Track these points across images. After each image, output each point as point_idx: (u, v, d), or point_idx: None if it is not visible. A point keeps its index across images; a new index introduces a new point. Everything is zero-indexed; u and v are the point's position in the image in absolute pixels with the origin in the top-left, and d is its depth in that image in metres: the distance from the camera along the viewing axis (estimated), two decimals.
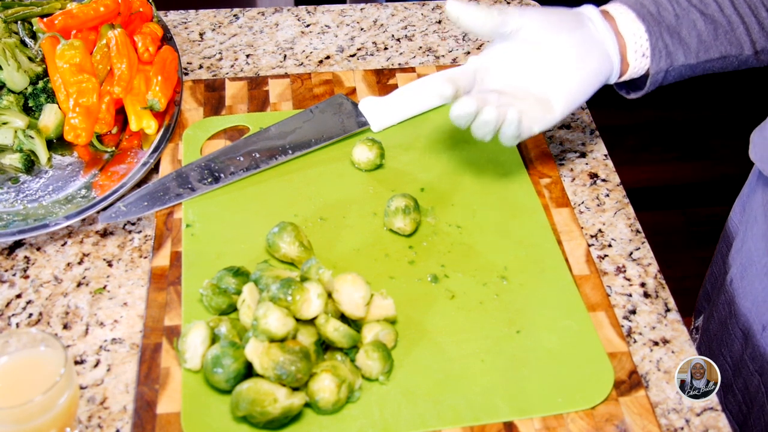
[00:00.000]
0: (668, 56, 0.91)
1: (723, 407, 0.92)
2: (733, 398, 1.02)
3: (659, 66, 0.91)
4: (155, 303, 0.85)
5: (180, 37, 1.23)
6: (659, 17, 0.90)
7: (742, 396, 1.00)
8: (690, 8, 0.91)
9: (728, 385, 1.03)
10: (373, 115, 1.06)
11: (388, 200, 0.93)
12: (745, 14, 0.91)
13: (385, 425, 0.76)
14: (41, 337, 0.72)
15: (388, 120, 1.06)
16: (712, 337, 1.08)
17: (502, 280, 0.88)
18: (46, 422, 0.68)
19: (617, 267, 0.93)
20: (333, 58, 1.21)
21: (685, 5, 0.91)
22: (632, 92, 0.97)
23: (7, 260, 0.92)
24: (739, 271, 1.00)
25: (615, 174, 1.04)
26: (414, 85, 1.08)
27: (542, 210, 0.96)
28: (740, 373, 1.00)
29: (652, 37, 0.90)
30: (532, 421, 0.76)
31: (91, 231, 0.95)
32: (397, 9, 1.31)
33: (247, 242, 0.91)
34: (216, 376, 0.76)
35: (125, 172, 0.97)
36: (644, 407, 0.78)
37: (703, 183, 2.52)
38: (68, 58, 1.01)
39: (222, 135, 1.05)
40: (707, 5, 0.91)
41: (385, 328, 0.81)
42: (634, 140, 2.65)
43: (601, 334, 0.84)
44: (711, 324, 1.09)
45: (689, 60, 0.91)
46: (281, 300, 0.77)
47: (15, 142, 1.00)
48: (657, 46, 0.90)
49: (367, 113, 1.06)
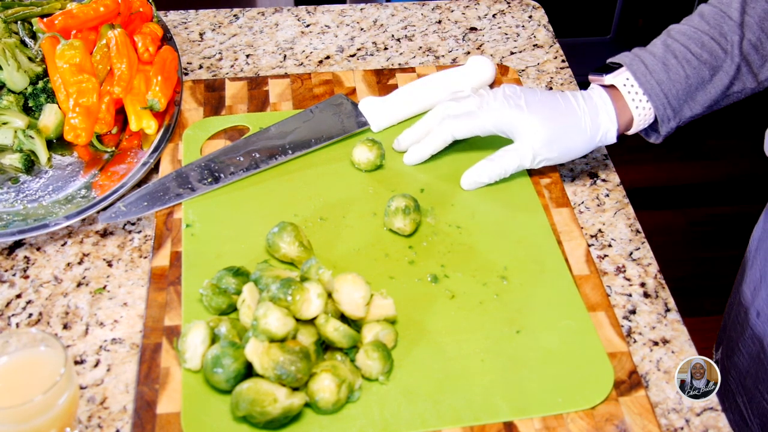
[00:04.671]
0: (676, 117, 0.96)
1: None
2: None
3: (670, 128, 0.97)
4: (155, 303, 0.85)
5: (180, 37, 1.23)
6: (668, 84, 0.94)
7: None
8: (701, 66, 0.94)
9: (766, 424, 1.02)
10: (373, 115, 1.06)
11: (388, 200, 0.93)
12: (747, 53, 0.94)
13: (385, 425, 0.76)
14: (41, 337, 0.72)
15: (388, 120, 1.06)
16: (744, 374, 1.06)
17: (502, 280, 0.88)
18: (46, 422, 0.68)
19: (617, 267, 0.93)
20: (333, 58, 1.21)
21: (696, 64, 0.93)
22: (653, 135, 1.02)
23: (7, 260, 0.92)
24: (766, 302, 1.00)
25: (615, 174, 1.04)
26: (414, 85, 1.08)
27: (542, 210, 0.96)
28: None
29: (659, 111, 0.95)
30: (532, 421, 0.76)
31: (91, 231, 0.95)
32: (397, 9, 1.31)
33: (247, 242, 0.91)
34: (216, 376, 0.76)
35: (125, 172, 0.97)
36: (644, 407, 0.78)
37: (703, 183, 2.52)
38: (68, 58, 1.01)
39: (222, 135, 1.05)
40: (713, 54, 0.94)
41: (385, 328, 0.81)
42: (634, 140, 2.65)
43: (601, 334, 0.84)
44: (739, 360, 1.07)
45: (695, 112, 0.96)
46: (281, 300, 0.77)
47: (15, 142, 1.00)
48: (665, 116, 0.95)
49: (367, 113, 1.06)
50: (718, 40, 0.93)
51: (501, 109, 0.95)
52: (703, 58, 0.93)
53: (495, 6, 1.32)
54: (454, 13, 1.30)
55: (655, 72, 0.93)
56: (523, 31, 1.27)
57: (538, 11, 1.31)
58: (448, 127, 0.97)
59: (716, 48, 0.93)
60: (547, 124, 0.94)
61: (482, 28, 1.28)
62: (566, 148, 0.95)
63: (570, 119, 0.94)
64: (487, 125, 0.96)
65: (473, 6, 1.32)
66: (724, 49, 0.93)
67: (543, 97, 0.96)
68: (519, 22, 1.29)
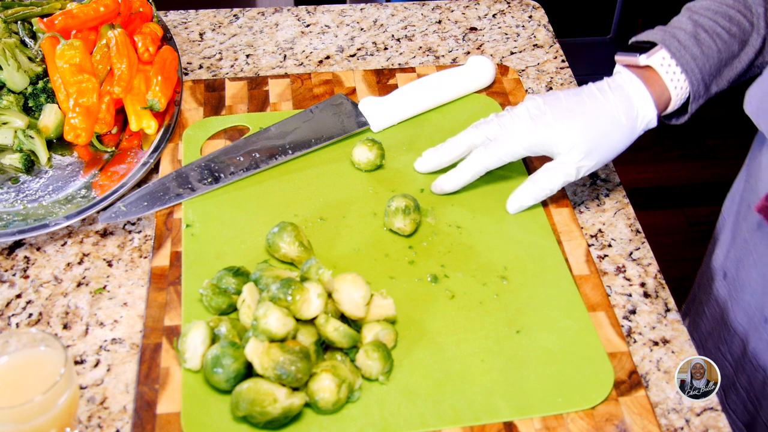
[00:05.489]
0: (705, 93, 0.92)
1: (724, 407, 0.91)
2: (737, 397, 1.02)
3: (698, 105, 0.93)
4: (155, 303, 0.85)
5: (180, 37, 1.23)
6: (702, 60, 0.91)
7: (747, 394, 1.00)
8: (731, 40, 0.91)
9: (730, 384, 1.02)
10: (373, 115, 1.06)
11: (388, 200, 0.93)
12: None
13: (385, 425, 0.76)
14: (41, 337, 0.72)
15: (388, 120, 1.06)
16: (705, 336, 1.07)
17: (502, 280, 0.88)
18: (46, 422, 0.68)
19: (617, 267, 0.93)
20: (333, 58, 1.21)
21: (726, 38, 0.91)
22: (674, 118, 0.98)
23: (7, 260, 0.92)
24: (734, 264, 1.00)
25: (615, 174, 1.04)
26: (414, 85, 1.08)
27: (542, 210, 0.96)
28: (743, 369, 1.00)
29: (693, 87, 0.91)
30: (532, 421, 0.76)
31: (91, 231, 0.95)
32: (397, 9, 1.31)
33: (247, 242, 0.91)
34: (216, 376, 0.76)
35: (125, 172, 0.97)
36: (644, 407, 0.78)
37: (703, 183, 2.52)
38: (68, 58, 1.01)
39: (222, 135, 1.05)
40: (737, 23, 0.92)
41: (385, 328, 0.81)
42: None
43: (601, 334, 0.84)
44: (702, 323, 1.08)
45: (720, 87, 0.93)
46: (281, 300, 0.77)
47: (15, 142, 1.00)
48: (697, 92, 0.91)
49: (367, 113, 1.06)
50: (744, 12, 0.91)
51: (528, 131, 0.90)
52: (732, 31, 0.90)
53: (495, 6, 1.32)
54: (454, 13, 1.30)
55: (688, 47, 0.90)
56: (523, 31, 1.27)
57: (538, 11, 1.31)
58: (480, 160, 0.93)
59: (743, 21, 0.90)
60: (582, 134, 0.89)
61: (482, 28, 1.28)
62: (607, 150, 0.90)
63: (604, 119, 0.89)
64: (518, 150, 0.91)
65: (473, 6, 1.32)
66: (750, 22, 0.90)
67: (569, 103, 0.90)
68: (519, 22, 1.29)
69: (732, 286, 1.00)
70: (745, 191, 1.00)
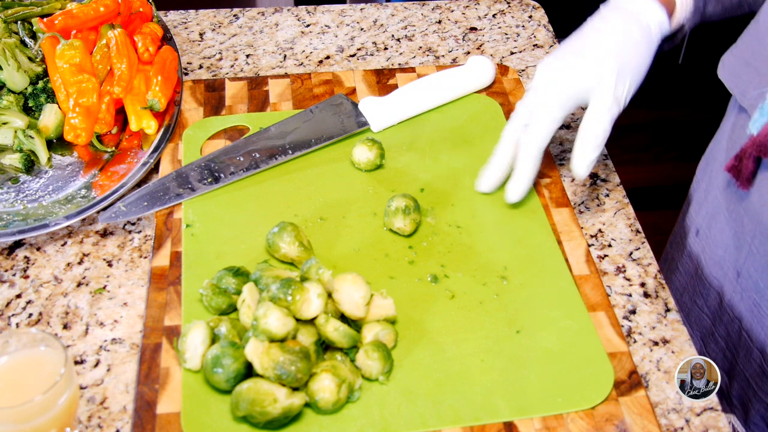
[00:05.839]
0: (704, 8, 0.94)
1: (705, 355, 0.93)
2: (716, 345, 1.04)
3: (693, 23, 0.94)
4: (155, 303, 0.85)
5: (180, 37, 1.23)
6: None
7: (725, 343, 1.02)
8: None
9: (709, 333, 1.04)
10: (373, 115, 1.06)
11: (388, 200, 0.93)
12: None
13: (385, 425, 0.76)
14: (41, 337, 0.72)
15: (388, 120, 1.06)
16: (681, 291, 1.09)
17: (502, 280, 0.88)
18: (46, 422, 0.68)
19: (617, 267, 0.93)
20: (333, 58, 1.21)
21: None
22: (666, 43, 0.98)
23: (7, 260, 0.92)
24: (706, 221, 1.03)
25: (615, 174, 1.04)
26: (414, 85, 1.08)
27: (542, 210, 0.96)
28: (721, 320, 1.02)
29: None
30: (532, 421, 0.76)
31: (91, 231, 0.95)
32: (397, 9, 1.31)
33: (247, 242, 0.91)
34: (216, 376, 0.76)
35: (125, 172, 0.97)
36: (644, 407, 0.78)
37: None
38: (68, 58, 1.01)
39: (222, 135, 1.05)
40: None
41: (385, 328, 0.81)
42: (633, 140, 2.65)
43: (601, 334, 0.84)
44: (676, 279, 1.10)
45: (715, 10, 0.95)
46: (281, 300, 0.77)
47: (15, 142, 1.00)
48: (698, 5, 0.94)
49: (367, 113, 1.06)
50: None
51: (554, 91, 0.91)
52: None
53: (495, 6, 1.32)
54: (454, 13, 1.30)
55: None
56: (523, 31, 1.27)
57: (538, 11, 1.31)
58: (531, 144, 0.92)
59: None
60: (605, 58, 0.89)
61: (482, 28, 1.28)
62: (635, 66, 0.91)
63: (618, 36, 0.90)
64: (556, 113, 0.91)
65: (473, 6, 1.32)
66: None
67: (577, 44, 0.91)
68: (519, 22, 1.29)
69: (705, 242, 1.03)
70: (717, 152, 1.04)
